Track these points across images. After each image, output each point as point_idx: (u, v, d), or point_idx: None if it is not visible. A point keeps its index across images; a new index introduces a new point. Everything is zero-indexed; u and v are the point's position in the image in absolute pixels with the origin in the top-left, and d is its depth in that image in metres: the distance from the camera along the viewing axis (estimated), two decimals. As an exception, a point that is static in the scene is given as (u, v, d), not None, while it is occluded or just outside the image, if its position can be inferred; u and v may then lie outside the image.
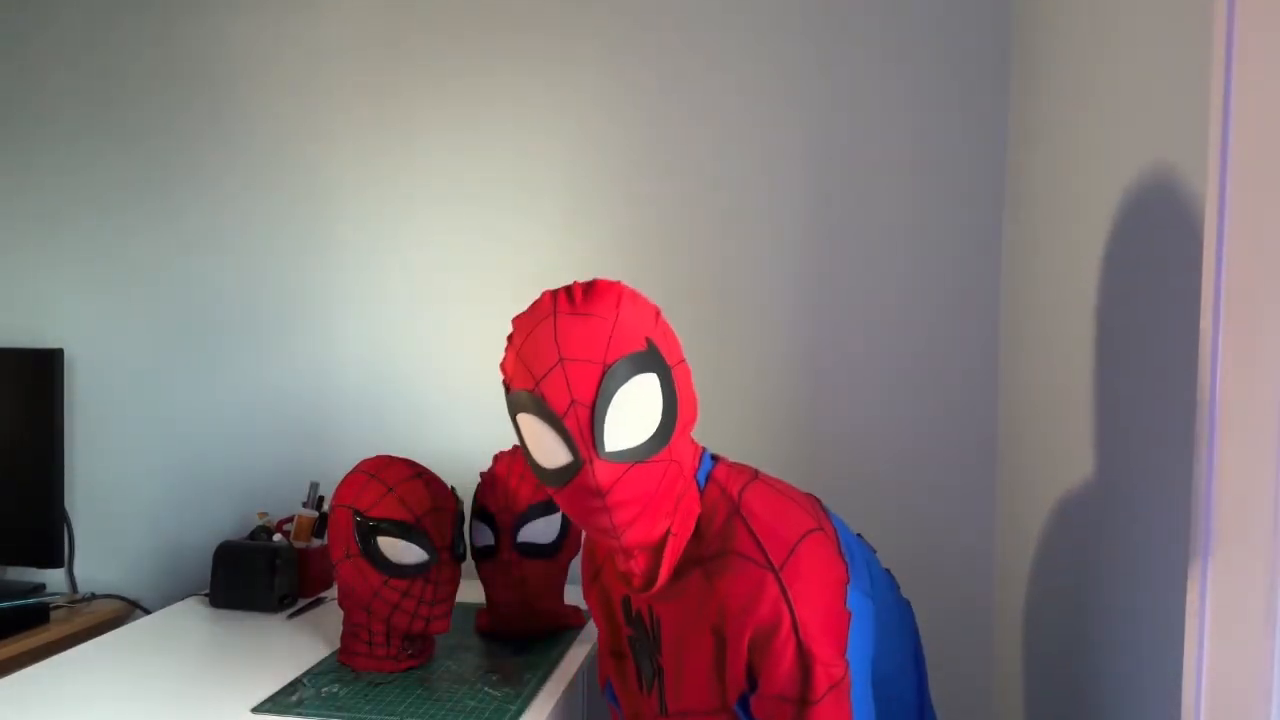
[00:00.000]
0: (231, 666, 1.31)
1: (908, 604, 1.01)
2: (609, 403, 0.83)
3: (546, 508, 1.40)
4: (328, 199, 1.85)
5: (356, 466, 1.31)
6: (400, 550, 1.24)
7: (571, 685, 1.30)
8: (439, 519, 1.27)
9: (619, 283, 0.89)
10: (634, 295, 0.89)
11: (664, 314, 1.73)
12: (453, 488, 1.32)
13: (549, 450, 0.86)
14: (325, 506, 1.80)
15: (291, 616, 1.56)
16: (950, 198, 1.62)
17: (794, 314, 1.67)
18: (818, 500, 0.97)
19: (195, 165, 1.91)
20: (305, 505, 1.73)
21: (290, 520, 1.75)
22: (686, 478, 0.91)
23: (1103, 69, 1.11)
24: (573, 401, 0.83)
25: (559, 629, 1.45)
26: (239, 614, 1.57)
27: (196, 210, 1.91)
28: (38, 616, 1.76)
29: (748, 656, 0.86)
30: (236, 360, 1.90)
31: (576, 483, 0.84)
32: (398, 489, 1.26)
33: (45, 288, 1.99)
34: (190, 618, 1.55)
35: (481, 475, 1.45)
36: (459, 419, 1.82)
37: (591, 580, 1.09)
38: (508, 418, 1.80)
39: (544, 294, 0.89)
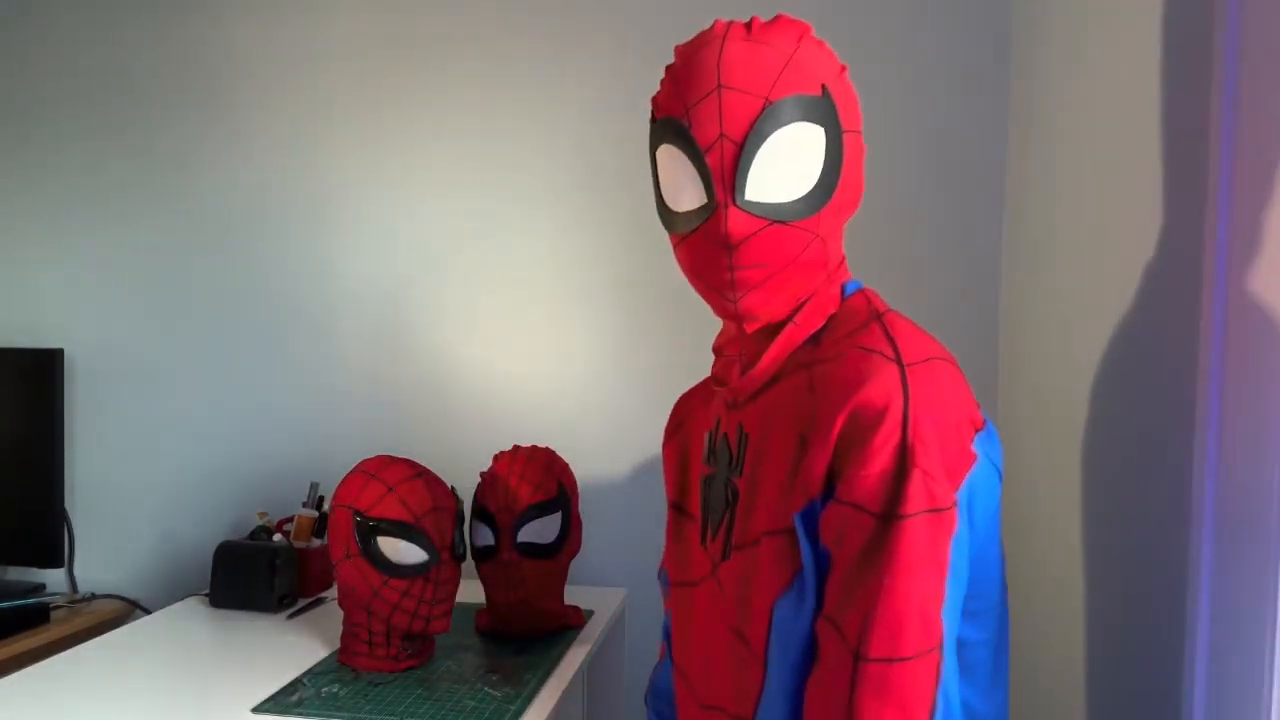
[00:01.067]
0: (231, 666, 1.31)
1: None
2: (761, 143, 0.71)
3: (546, 508, 1.40)
4: (328, 199, 1.85)
5: (356, 466, 1.31)
6: (400, 550, 1.24)
7: (571, 685, 1.30)
8: (439, 519, 1.27)
9: (802, 22, 0.76)
10: (820, 41, 0.76)
11: (663, 310, 1.73)
12: (453, 488, 1.32)
13: (683, 188, 0.75)
14: (325, 506, 1.80)
15: (291, 616, 1.56)
16: (950, 198, 1.62)
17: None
18: None
19: (195, 165, 1.91)
20: (305, 505, 1.73)
21: (290, 520, 1.75)
22: (829, 268, 0.78)
23: (1103, 69, 1.11)
24: (721, 135, 0.71)
25: (559, 629, 1.45)
26: (239, 614, 1.57)
27: (196, 210, 1.91)
28: (38, 616, 1.76)
29: (834, 450, 0.69)
30: (237, 360, 1.90)
31: (705, 228, 0.73)
32: (398, 489, 1.26)
33: (45, 288, 1.99)
34: (190, 618, 1.55)
35: (481, 475, 1.45)
36: (459, 419, 1.82)
37: (674, 431, 0.96)
38: (505, 422, 1.80)
39: (716, 20, 0.78)
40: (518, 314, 1.79)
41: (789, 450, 0.74)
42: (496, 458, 1.44)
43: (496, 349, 1.80)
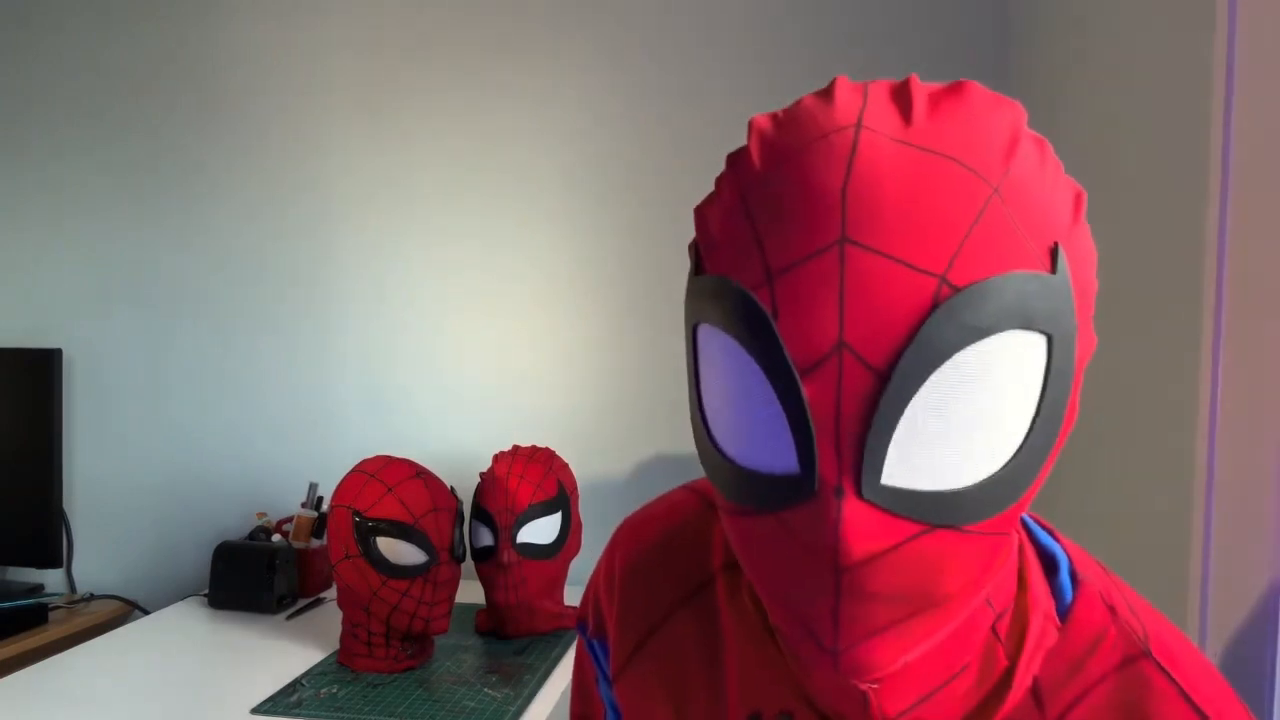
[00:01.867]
0: (231, 667, 1.31)
1: None
2: (927, 375, 0.37)
3: (546, 508, 1.40)
4: (328, 200, 1.85)
5: (356, 467, 1.31)
6: (400, 551, 1.24)
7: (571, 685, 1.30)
8: (438, 519, 1.27)
9: (1005, 103, 0.42)
10: (1042, 151, 0.41)
11: (663, 310, 1.73)
12: (452, 488, 1.32)
13: (753, 431, 0.41)
14: (325, 507, 1.80)
15: (291, 617, 1.55)
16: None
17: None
18: None
19: (195, 166, 1.91)
20: (305, 505, 1.73)
21: (290, 520, 1.75)
22: (1012, 583, 0.47)
23: (1103, 69, 1.11)
24: (841, 345, 0.37)
25: (559, 629, 1.45)
26: (238, 614, 1.57)
27: (197, 211, 1.91)
28: (37, 617, 1.76)
29: None
30: (236, 361, 1.90)
31: (796, 518, 0.39)
32: (397, 489, 1.26)
33: (45, 288, 1.98)
34: (190, 618, 1.55)
35: (481, 475, 1.44)
36: (459, 419, 1.81)
37: (642, 639, 0.57)
38: (504, 422, 1.80)
39: (838, 79, 0.42)
40: (518, 314, 1.79)
41: None
42: (496, 458, 1.44)
43: (496, 349, 1.80)
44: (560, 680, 1.27)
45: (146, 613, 1.93)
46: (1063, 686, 0.46)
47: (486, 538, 1.40)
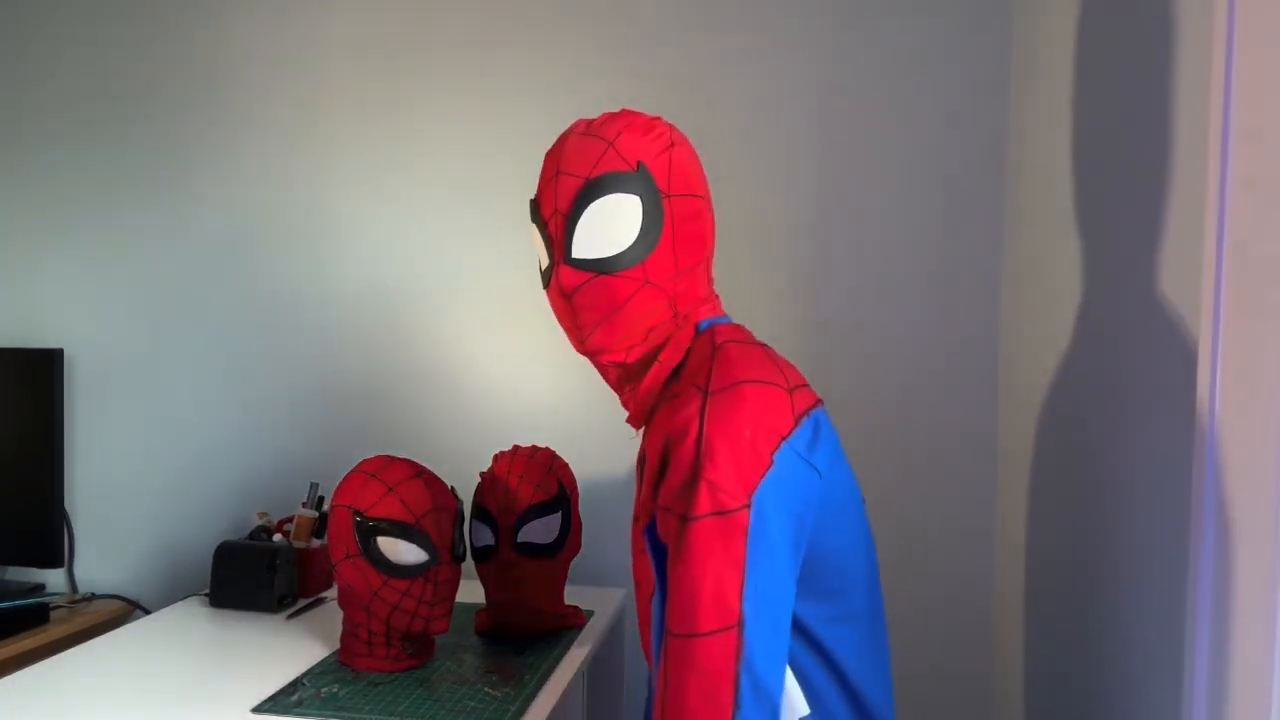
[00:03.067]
0: (231, 666, 1.31)
1: (860, 501, 0.94)
2: (581, 212, 0.88)
3: (546, 508, 1.40)
4: (328, 199, 1.85)
5: (356, 466, 1.31)
6: (400, 550, 1.24)
7: (571, 685, 1.30)
8: (439, 519, 1.27)
9: (642, 115, 0.93)
10: (647, 125, 0.91)
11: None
12: (453, 488, 1.32)
13: (540, 253, 0.95)
14: (325, 506, 1.80)
15: (291, 616, 1.56)
16: (950, 199, 1.62)
17: (792, 313, 1.67)
18: (809, 390, 0.90)
19: (196, 165, 1.91)
20: (305, 505, 1.73)
21: (290, 520, 1.75)
22: (677, 310, 0.92)
23: (1103, 69, 1.11)
24: (555, 209, 0.90)
25: (559, 629, 1.45)
26: (239, 614, 1.57)
27: (197, 210, 1.91)
28: (38, 616, 1.76)
29: (656, 470, 0.85)
30: (236, 360, 1.90)
31: (552, 284, 0.91)
32: (398, 489, 1.26)
33: (45, 288, 1.99)
34: (190, 618, 1.55)
35: (481, 475, 1.45)
36: (459, 419, 1.82)
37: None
38: (504, 422, 1.80)
39: (577, 120, 0.97)
40: (518, 313, 1.79)
41: (650, 475, 0.87)
42: (496, 458, 1.44)
43: (496, 349, 1.80)
44: (560, 680, 1.27)
45: (147, 612, 1.93)
46: (686, 367, 0.91)
47: (487, 537, 1.40)
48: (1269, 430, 0.66)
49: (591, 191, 0.88)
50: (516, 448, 1.45)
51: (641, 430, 1.00)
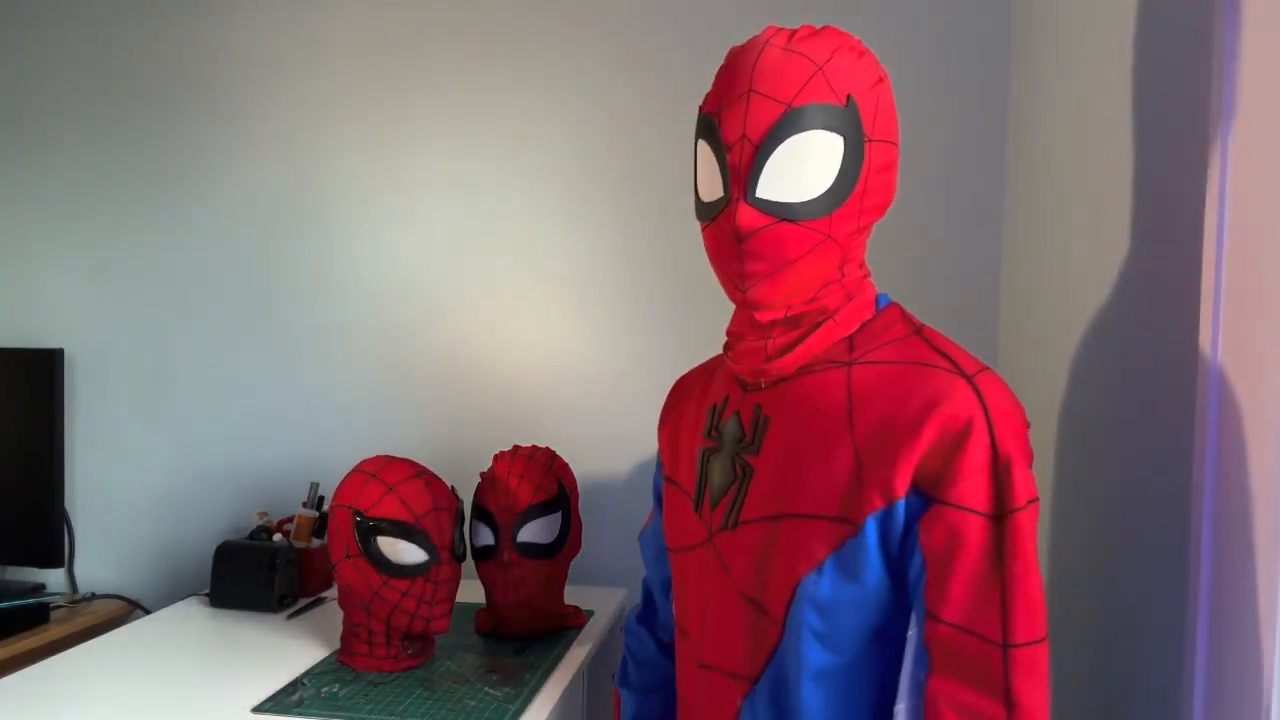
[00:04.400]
0: (231, 666, 1.31)
1: None
2: (776, 146, 0.76)
3: (546, 508, 1.40)
4: (328, 199, 1.85)
5: (357, 466, 1.31)
6: (400, 550, 1.24)
7: (571, 685, 1.30)
8: (439, 519, 1.27)
9: (850, 36, 0.80)
10: (860, 51, 0.79)
11: (663, 311, 1.73)
12: (453, 487, 1.32)
13: (709, 181, 0.81)
14: (325, 506, 1.80)
15: (291, 616, 1.56)
16: (950, 197, 1.62)
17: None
18: None
19: (195, 164, 1.91)
20: (305, 505, 1.73)
21: (290, 520, 1.75)
22: (850, 274, 0.83)
23: (1103, 68, 1.11)
24: (743, 136, 0.77)
25: (559, 629, 1.45)
26: (239, 614, 1.57)
27: (197, 210, 1.91)
28: (38, 616, 1.76)
29: (920, 460, 0.74)
30: (237, 360, 1.90)
31: (721, 219, 0.79)
32: (398, 489, 1.26)
33: (45, 288, 1.99)
34: (190, 618, 1.55)
35: (481, 475, 1.45)
36: (459, 419, 1.82)
37: (671, 410, 1.00)
38: (505, 422, 1.80)
39: (768, 26, 0.87)
40: (518, 314, 1.79)
41: (830, 443, 0.79)
42: (496, 458, 1.45)
43: (497, 349, 1.80)
44: (560, 680, 1.27)
45: (148, 612, 1.93)
46: (867, 343, 0.83)
47: (487, 537, 1.40)
48: (1269, 430, 0.66)
49: (793, 123, 0.75)
50: (516, 448, 1.45)
51: (741, 392, 0.88)
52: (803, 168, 0.76)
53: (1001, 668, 0.71)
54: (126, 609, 1.90)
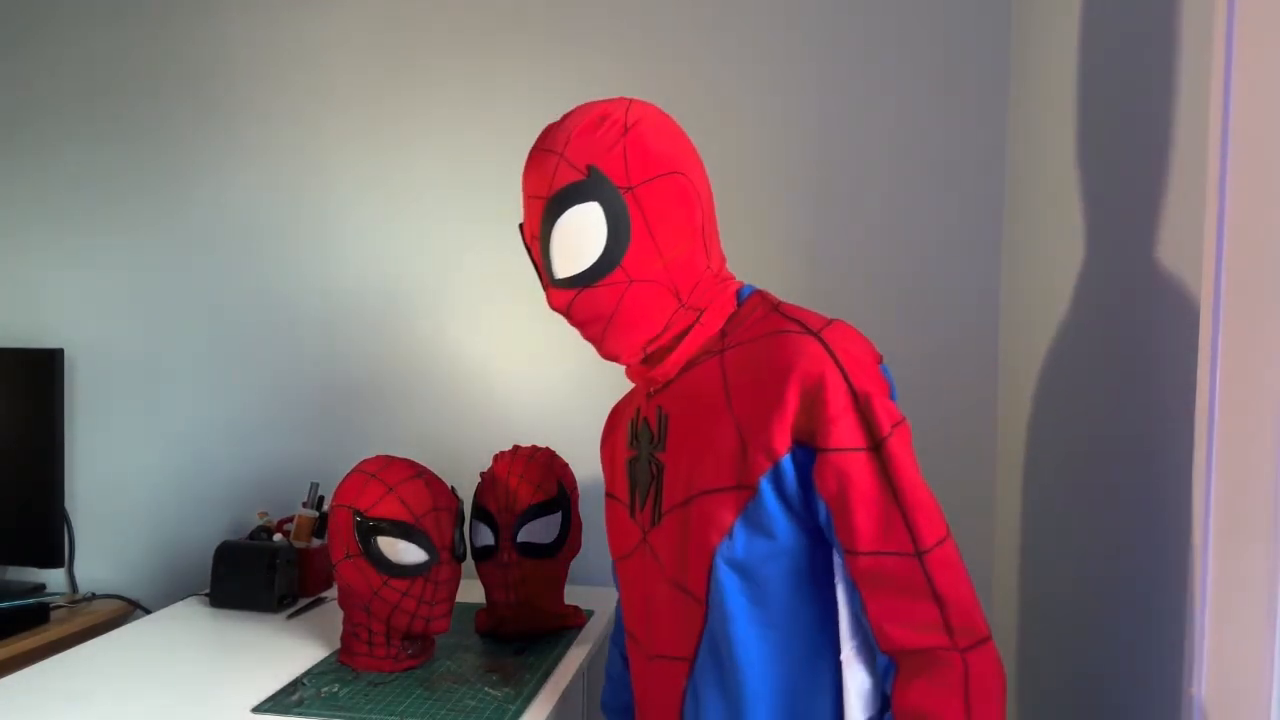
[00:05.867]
0: (231, 666, 1.31)
1: None
2: (550, 233, 0.87)
3: (546, 508, 1.40)
4: (329, 199, 1.85)
5: (356, 466, 1.31)
6: (400, 550, 1.24)
7: (571, 685, 1.30)
8: (439, 519, 1.27)
9: (594, 107, 0.89)
10: (595, 121, 0.87)
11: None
12: (453, 487, 1.32)
13: (538, 276, 0.95)
14: (325, 506, 1.80)
15: (291, 616, 1.56)
16: (950, 198, 1.62)
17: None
18: None
19: (196, 165, 1.91)
20: (305, 505, 1.73)
21: (290, 520, 1.75)
22: (699, 292, 0.91)
23: (1103, 68, 1.11)
24: (532, 234, 0.90)
25: (559, 629, 1.45)
26: (239, 614, 1.57)
27: (197, 210, 1.91)
28: (38, 616, 1.76)
29: (794, 417, 0.82)
30: (237, 360, 1.90)
31: (550, 304, 0.90)
32: (398, 489, 1.26)
33: (45, 288, 1.99)
34: (190, 618, 1.55)
35: (481, 475, 1.45)
36: (459, 419, 1.82)
37: (608, 434, 1.09)
38: (505, 422, 1.80)
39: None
40: (518, 314, 1.79)
41: (715, 422, 0.88)
42: (496, 458, 1.44)
43: (496, 349, 1.80)
44: (560, 680, 1.27)
45: (148, 612, 1.93)
46: (735, 330, 0.91)
47: (487, 537, 1.40)
48: (1269, 430, 0.66)
49: (553, 210, 0.86)
50: (516, 448, 1.45)
51: (648, 394, 0.98)
52: (577, 240, 0.86)
53: (922, 574, 0.79)
54: (126, 609, 1.90)
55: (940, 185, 1.62)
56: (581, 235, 0.86)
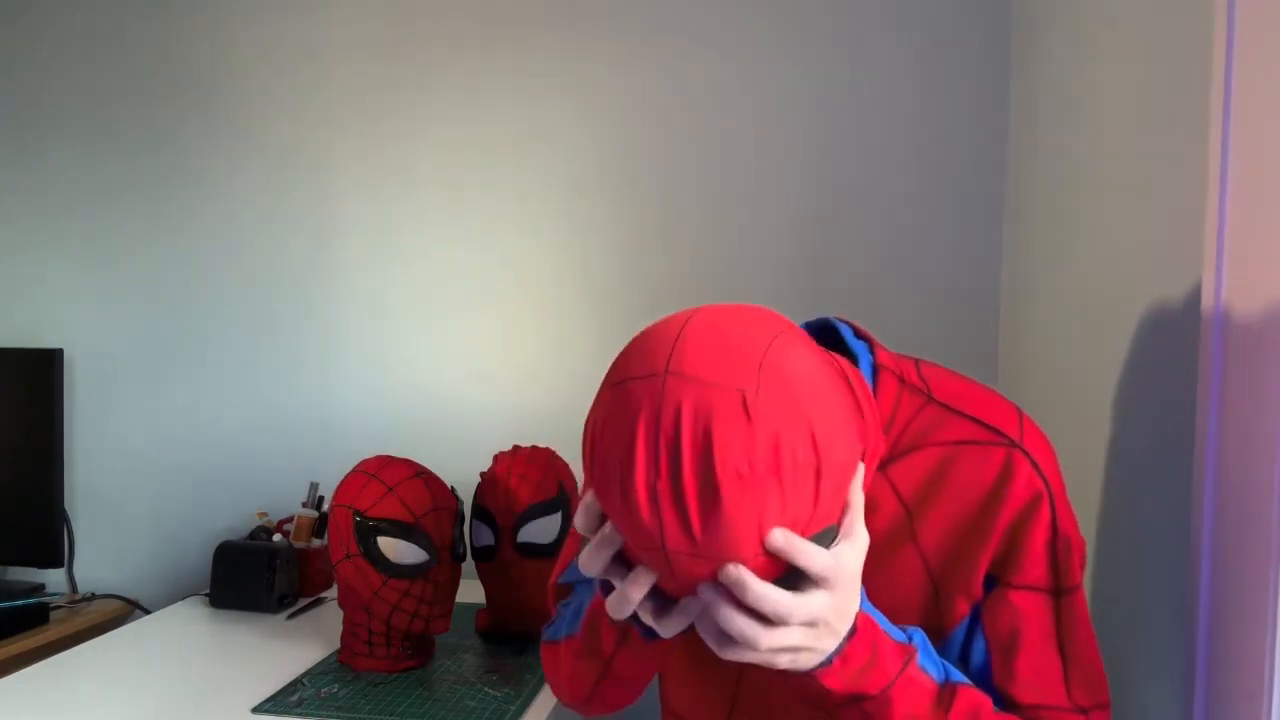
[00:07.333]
0: (231, 666, 1.31)
1: None
2: None
3: (546, 508, 1.40)
4: (329, 200, 1.85)
5: (356, 466, 1.31)
6: (400, 550, 1.24)
7: (571, 685, 1.30)
8: (439, 519, 1.27)
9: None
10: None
11: (662, 311, 1.73)
12: (453, 487, 1.32)
13: None
14: (325, 506, 1.80)
15: (291, 616, 1.56)
16: (950, 199, 1.62)
17: (790, 313, 1.67)
18: None
19: (196, 165, 1.91)
20: (305, 505, 1.73)
21: (290, 520, 1.75)
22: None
23: (1103, 68, 1.11)
24: None
25: (559, 629, 1.45)
26: (239, 614, 1.57)
27: (197, 211, 1.91)
28: (38, 616, 1.76)
29: (994, 554, 0.70)
30: (237, 360, 1.90)
31: None
32: (398, 489, 1.26)
33: (45, 288, 1.99)
34: (190, 618, 1.55)
35: (481, 475, 1.45)
36: (459, 419, 1.82)
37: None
38: (505, 422, 1.80)
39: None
40: (518, 314, 1.79)
41: (893, 552, 0.73)
42: (496, 458, 1.44)
43: (496, 349, 1.80)
44: (560, 680, 1.27)
45: (148, 612, 1.93)
46: (891, 430, 0.73)
47: (487, 537, 1.40)
48: (1269, 430, 0.66)
49: None
50: (516, 448, 1.45)
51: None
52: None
53: None
54: (126, 609, 1.90)
55: (940, 185, 1.62)
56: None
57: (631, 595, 0.59)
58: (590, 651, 0.76)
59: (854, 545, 0.60)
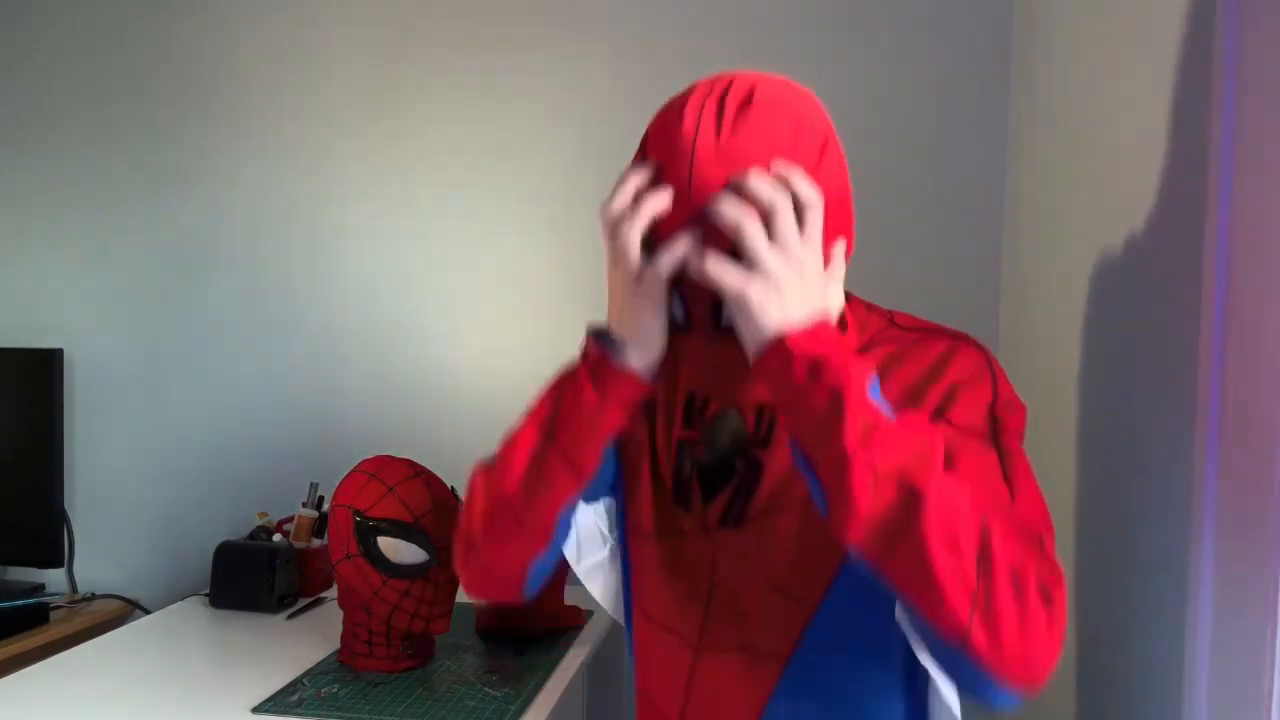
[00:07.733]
0: (231, 666, 1.31)
1: None
2: None
3: (546, 508, 1.39)
4: (329, 200, 1.85)
5: (356, 466, 1.31)
6: (400, 550, 1.24)
7: (571, 685, 1.30)
8: (439, 519, 1.27)
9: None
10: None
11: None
12: (453, 487, 1.32)
13: None
14: (325, 506, 1.80)
15: (291, 616, 1.55)
16: (951, 199, 1.62)
17: (794, 314, 1.67)
18: None
19: (196, 166, 1.91)
20: (305, 505, 1.73)
21: (290, 520, 1.75)
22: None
23: (1103, 69, 1.11)
24: None
25: (559, 629, 1.45)
26: (239, 614, 1.57)
27: (197, 211, 1.91)
28: (38, 616, 1.76)
29: (938, 403, 0.77)
30: (237, 360, 1.90)
31: None
32: (398, 489, 1.26)
33: (45, 288, 1.99)
34: (190, 618, 1.55)
35: (481, 475, 1.44)
36: (459, 419, 1.81)
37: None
38: (505, 422, 1.80)
39: None
40: (518, 314, 1.79)
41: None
42: (496, 458, 1.44)
43: (497, 349, 1.80)
44: (560, 680, 1.27)
45: (148, 612, 1.93)
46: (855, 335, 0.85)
47: (487, 537, 1.40)
48: (1269, 430, 0.66)
49: None
50: (516, 448, 1.45)
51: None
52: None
53: (1026, 548, 0.75)
54: (126, 609, 1.90)
55: (940, 185, 1.62)
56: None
57: (632, 180, 0.75)
58: (538, 425, 0.91)
59: (830, 277, 0.76)
